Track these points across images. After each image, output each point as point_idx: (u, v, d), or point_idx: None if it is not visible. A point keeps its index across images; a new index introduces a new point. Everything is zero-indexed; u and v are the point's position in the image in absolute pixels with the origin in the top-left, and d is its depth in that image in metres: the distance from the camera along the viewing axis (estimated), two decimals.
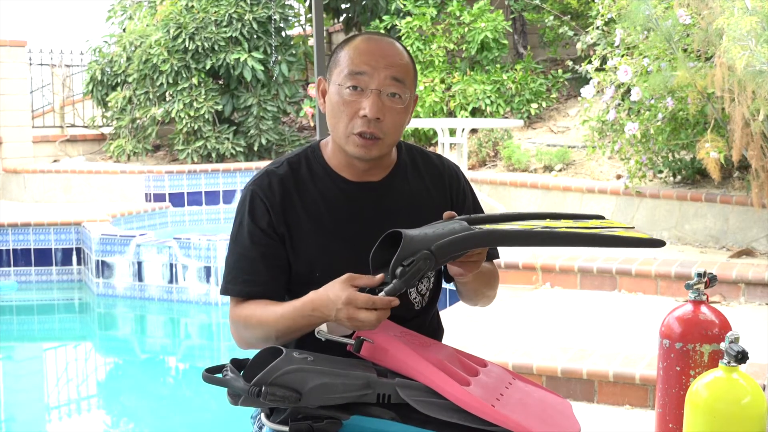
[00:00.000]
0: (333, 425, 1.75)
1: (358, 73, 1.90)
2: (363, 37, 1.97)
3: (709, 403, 1.73)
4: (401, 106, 1.92)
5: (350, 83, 1.90)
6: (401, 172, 2.03)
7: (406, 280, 1.71)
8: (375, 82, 1.89)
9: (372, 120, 1.89)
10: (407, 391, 1.76)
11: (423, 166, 2.07)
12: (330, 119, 1.95)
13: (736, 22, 4.70)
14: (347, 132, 1.92)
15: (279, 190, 1.95)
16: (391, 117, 1.91)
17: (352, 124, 1.90)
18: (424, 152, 2.11)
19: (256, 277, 1.93)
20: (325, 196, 1.96)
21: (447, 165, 2.11)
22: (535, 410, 1.82)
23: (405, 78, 1.93)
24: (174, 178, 8.83)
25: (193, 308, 6.64)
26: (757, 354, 3.50)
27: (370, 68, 1.89)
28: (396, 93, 1.91)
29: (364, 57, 1.91)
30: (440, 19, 9.12)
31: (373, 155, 1.93)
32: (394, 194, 2.00)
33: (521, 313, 4.78)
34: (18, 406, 5.18)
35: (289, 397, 1.71)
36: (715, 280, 2.36)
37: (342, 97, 1.91)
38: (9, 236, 7.35)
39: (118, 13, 10.45)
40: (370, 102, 1.88)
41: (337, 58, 1.95)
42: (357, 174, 1.99)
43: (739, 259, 5.49)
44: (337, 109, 1.92)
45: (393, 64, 1.92)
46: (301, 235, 1.94)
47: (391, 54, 1.93)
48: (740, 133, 5.12)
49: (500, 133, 8.20)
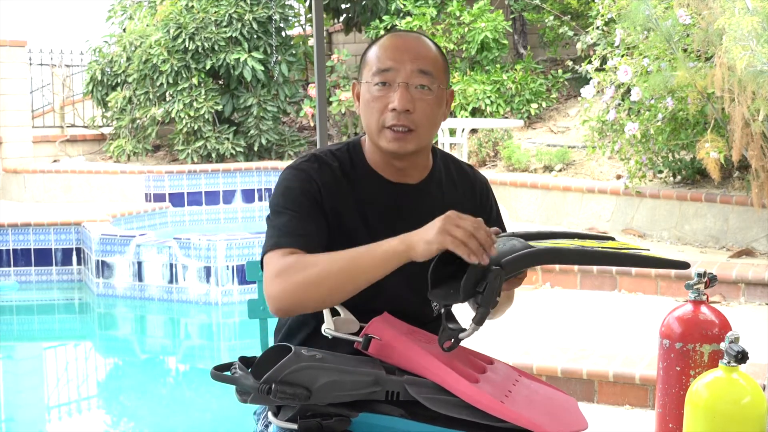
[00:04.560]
0: (342, 423, 1.76)
1: (385, 70, 1.91)
2: (390, 35, 1.99)
3: (709, 403, 1.73)
4: (431, 97, 1.92)
5: (378, 80, 1.91)
6: (437, 178, 2.04)
7: (486, 302, 1.69)
8: (402, 76, 1.90)
9: (401, 112, 1.89)
10: (416, 388, 1.76)
11: (456, 174, 2.08)
12: (363, 118, 1.96)
13: (737, 22, 4.70)
14: (379, 126, 1.92)
15: (329, 175, 1.94)
16: (422, 109, 1.91)
17: (383, 118, 1.91)
18: (457, 161, 2.12)
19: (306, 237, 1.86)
20: (367, 192, 1.96)
21: (478, 176, 2.12)
22: (544, 407, 1.83)
23: (433, 70, 1.93)
24: (174, 178, 8.83)
25: (193, 308, 6.64)
26: (757, 354, 3.50)
27: (396, 63, 1.91)
28: (424, 85, 1.92)
29: (389, 53, 1.92)
30: (440, 19, 9.12)
31: (408, 149, 1.93)
32: (430, 199, 2.00)
33: (521, 313, 4.78)
34: (18, 406, 5.18)
35: (299, 394, 1.70)
36: (715, 280, 2.37)
37: (372, 94, 1.92)
38: (9, 236, 7.35)
39: (118, 13, 10.44)
40: (398, 95, 1.89)
41: (366, 58, 1.97)
42: (395, 174, 1.99)
43: (739, 259, 5.49)
44: (368, 106, 1.93)
45: (419, 57, 1.92)
46: (341, 224, 1.92)
47: (417, 47, 1.94)
48: (740, 133, 5.12)
49: (500, 133, 8.20)
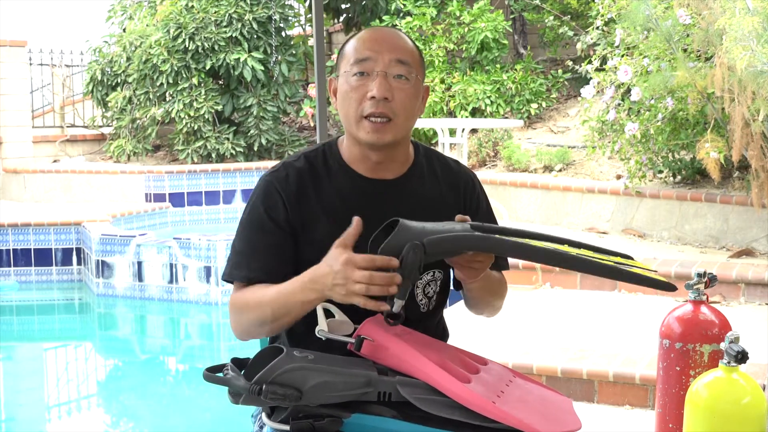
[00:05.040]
0: (334, 424, 1.76)
1: (363, 60, 1.92)
2: (367, 29, 2.02)
3: (709, 403, 1.73)
4: (409, 86, 1.94)
5: (356, 69, 1.92)
6: (417, 173, 2.03)
7: (408, 275, 1.71)
8: (380, 65, 1.91)
9: (380, 100, 1.90)
10: (408, 389, 1.76)
11: (440, 170, 2.07)
12: (341, 109, 1.96)
13: (738, 22, 4.70)
14: (357, 116, 1.92)
15: (295, 183, 1.96)
16: (399, 97, 1.92)
17: (362, 107, 1.91)
18: (441, 156, 2.12)
19: (261, 265, 1.93)
20: (340, 191, 1.97)
21: (463, 171, 2.11)
22: (536, 407, 1.82)
23: (410, 60, 1.95)
24: (174, 178, 8.83)
25: (193, 308, 6.64)
26: (757, 354, 3.50)
27: (374, 53, 1.92)
28: (402, 75, 1.93)
29: (367, 44, 1.94)
30: (440, 19, 9.11)
31: (386, 140, 1.93)
32: (409, 194, 2.00)
33: (521, 313, 4.78)
34: (18, 406, 5.18)
35: (290, 395, 1.71)
36: (715, 280, 2.37)
37: (350, 84, 1.93)
38: (9, 236, 7.35)
39: (118, 13, 10.44)
40: (377, 83, 1.90)
41: (343, 52, 1.98)
42: (372, 169, 1.99)
43: (739, 259, 5.49)
44: (346, 97, 1.94)
45: (396, 47, 1.94)
46: (316, 228, 1.94)
47: (394, 38, 1.96)
48: (740, 133, 5.12)
49: (500, 133, 8.20)
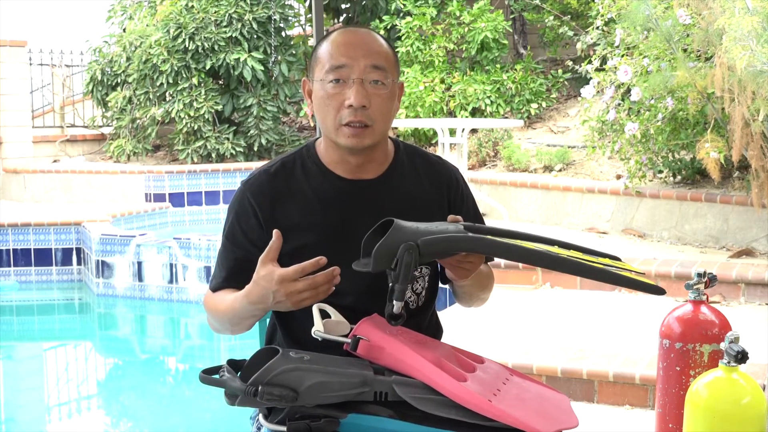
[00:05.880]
0: (331, 424, 1.76)
1: (339, 67, 1.91)
2: (339, 31, 1.99)
3: (709, 403, 1.73)
4: (385, 91, 1.94)
5: (332, 77, 1.91)
6: (398, 171, 2.03)
7: (402, 278, 1.72)
8: (356, 72, 1.91)
9: (358, 108, 1.90)
10: (404, 389, 1.76)
11: (422, 167, 2.07)
12: (318, 116, 1.96)
13: (737, 22, 4.70)
14: (336, 124, 1.93)
15: (270, 190, 1.97)
16: (377, 104, 1.92)
17: (340, 115, 1.92)
18: (423, 153, 2.11)
19: (231, 277, 1.99)
20: (318, 194, 1.97)
21: (446, 167, 2.11)
22: (533, 405, 1.82)
23: (386, 65, 1.94)
24: (174, 178, 8.83)
25: (193, 308, 6.64)
26: (757, 354, 3.50)
27: (350, 59, 1.91)
28: (378, 80, 1.92)
29: (341, 49, 1.93)
30: (440, 19, 9.11)
31: (365, 144, 1.94)
32: (390, 192, 2.00)
33: (521, 313, 4.78)
34: (18, 406, 5.18)
35: (286, 396, 1.71)
36: (715, 280, 2.37)
37: (326, 92, 1.92)
38: (9, 236, 7.35)
39: (118, 13, 10.44)
40: (354, 91, 1.90)
41: (316, 55, 1.97)
42: (351, 171, 1.99)
43: (739, 259, 5.49)
44: (323, 104, 1.94)
45: (371, 52, 1.93)
46: (295, 235, 1.93)
47: (369, 42, 1.95)
48: (740, 133, 5.12)
49: (500, 133, 8.20)
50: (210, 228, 8.49)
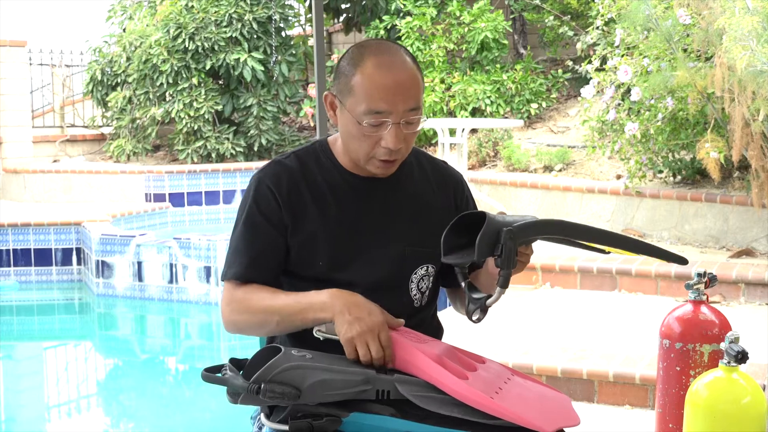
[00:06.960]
0: (333, 423, 1.76)
1: (378, 112, 1.88)
2: (374, 62, 1.90)
3: (709, 403, 1.74)
4: (418, 127, 1.94)
5: (370, 121, 1.89)
6: (408, 171, 2.05)
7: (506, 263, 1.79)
8: (395, 117, 1.89)
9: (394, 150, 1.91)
10: (406, 387, 1.77)
11: (429, 169, 2.10)
12: (349, 144, 1.95)
13: (737, 22, 4.70)
14: (367, 156, 1.93)
15: (287, 180, 1.97)
16: (409, 140, 1.94)
17: (374, 152, 1.92)
18: (430, 157, 2.15)
19: (256, 263, 1.95)
20: (332, 187, 1.99)
21: (452, 172, 2.15)
22: (535, 403, 1.82)
23: (419, 99, 1.93)
24: (174, 178, 8.83)
25: (193, 308, 6.64)
26: (757, 354, 3.50)
27: (389, 105, 1.88)
28: (413, 120, 1.92)
29: (381, 93, 1.87)
30: (440, 19, 9.11)
31: (391, 172, 1.98)
32: (400, 190, 2.03)
33: (521, 313, 4.78)
34: (18, 406, 5.18)
35: (288, 393, 1.71)
36: (715, 280, 2.37)
37: (362, 132, 1.90)
38: (9, 236, 7.35)
39: (118, 13, 10.44)
40: (391, 135, 1.89)
41: (349, 83, 1.91)
42: (364, 170, 2.00)
43: (739, 259, 5.49)
44: (356, 138, 1.92)
45: (410, 96, 1.90)
46: (307, 223, 1.96)
47: (406, 82, 1.90)
48: (740, 133, 5.12)
49: (500, 133, 8.20)
50: (210, 228, 8.49)
